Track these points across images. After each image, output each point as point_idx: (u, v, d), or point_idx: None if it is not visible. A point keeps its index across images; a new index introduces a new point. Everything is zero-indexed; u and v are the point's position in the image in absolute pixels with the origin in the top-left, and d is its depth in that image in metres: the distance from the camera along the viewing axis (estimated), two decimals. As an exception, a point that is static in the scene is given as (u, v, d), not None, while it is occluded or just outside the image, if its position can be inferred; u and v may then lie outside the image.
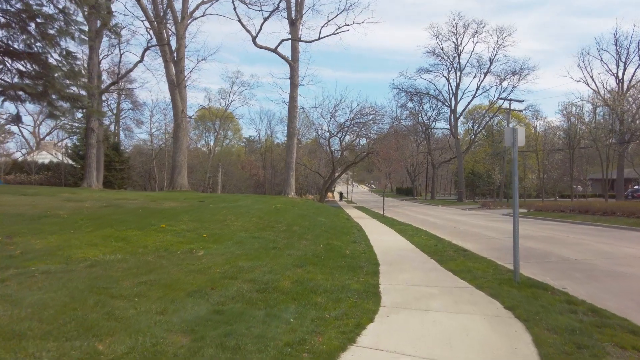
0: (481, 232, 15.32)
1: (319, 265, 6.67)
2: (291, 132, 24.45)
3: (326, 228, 12.21)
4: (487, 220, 21.19)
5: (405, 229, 15.56)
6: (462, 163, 44.34)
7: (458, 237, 13.72)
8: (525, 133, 35.65)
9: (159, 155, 45.14)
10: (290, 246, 8.31)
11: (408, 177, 76.66)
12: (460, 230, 16.24)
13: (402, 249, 10.15)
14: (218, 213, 11.49)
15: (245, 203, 16.13)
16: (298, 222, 11.92)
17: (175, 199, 15.99)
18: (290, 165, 24.34)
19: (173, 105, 28.79)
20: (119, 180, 41.32)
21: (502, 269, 7.55)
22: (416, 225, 17.57)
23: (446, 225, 18.69)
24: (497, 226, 17.70)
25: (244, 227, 9.95)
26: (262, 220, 11.26)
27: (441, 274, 6.96)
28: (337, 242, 9.83)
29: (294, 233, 10.06)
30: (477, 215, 25.94)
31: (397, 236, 13.12)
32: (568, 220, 19.72)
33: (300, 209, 16.49)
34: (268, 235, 9.33)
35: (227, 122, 60.87)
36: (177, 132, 28.51)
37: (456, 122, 45.64)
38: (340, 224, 14.38)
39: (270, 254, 7.23)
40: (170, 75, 27.81)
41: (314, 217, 14.49)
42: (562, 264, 8.43)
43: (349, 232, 12.68)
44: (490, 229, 16.29)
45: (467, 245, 11.50)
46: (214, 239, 8.27)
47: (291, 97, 24.73)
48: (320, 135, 38.95)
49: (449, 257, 8.84)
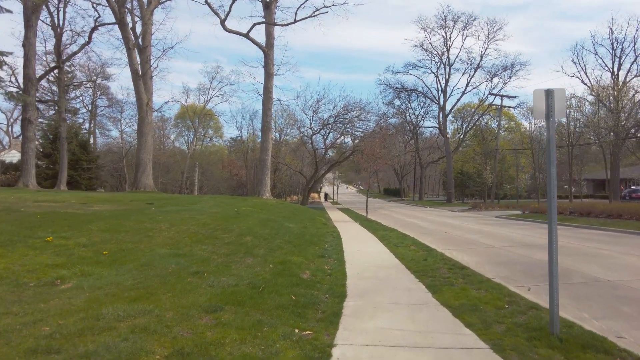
0: (477, 238, 13.17)
1: (248, 305, 4.31)
2: (265, 126, 22.03)
3: (291, 237, 9.85)
4: (480, 224, 19.14)
5: (390, 235, 13.31)
6: (451, 163, 42.51)
7: (451, 245, 11.53)
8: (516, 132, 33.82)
9: (130, 154, 42.23)
10: (224, 269, 5.92)
11: (396, 178, 74.84)
12: (453, 236, 14.07)
13: (383, 265, 7.86)
14: (152, 219, 9.03)
15: (203, 206, 13.68)
16: (255, 231, 9.53)
17: (118, 200, 13.44)
18: (264, 164, 21.92)
19: (137, 97, 26.04)
20: (86, 181, 38.24)
21: (521, 301, 5.30)
22: (402, 230, 15.36)
23: (436, 230, 16.54)
24: (493, 231, 15.60)
25: (174, 239, 7.52)
26: (206, 228, 8.84)
27: (435, 314, 4.67)
28: (298, 257, 7.48)
29: (241, 246, 7.68)
30: (468, 217, 23.92)
31: (378, 246, 10.85)
32: (570, 224, 17.77)
33: (268, 213, 14.11)
34: (201, 250, 6.92)
35: (207, 119, 58.00)
36: (141, 127, 25.79)
37: (445, 119, 43.78)
38: (312, 231, 12.04)
39: (179, 285, 4.83)
40: (134, 64, 25.08)
41: (280, 222, 12.12)
42: (596, 289, 6.24)
43: (319, 241, 10.34)
44: (487, 235, 14.16)
45: (463, 257, 9.28)
46: (115, 258, 5.84)
47: (265, 87, 22.31)
48: (302, 133, 36.65)
49: (443, 278, 6.58)
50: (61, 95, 31.08)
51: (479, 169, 44.46)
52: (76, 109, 50.83)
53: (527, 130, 36.46)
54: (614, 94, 28.17)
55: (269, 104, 22.17)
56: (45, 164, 38.36)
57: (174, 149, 58.41)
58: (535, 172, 30.37)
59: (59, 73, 30.76)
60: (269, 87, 22.14)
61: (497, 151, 32.99)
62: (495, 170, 33.05)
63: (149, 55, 26.52)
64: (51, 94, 38.87)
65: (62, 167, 29.39)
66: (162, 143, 60.06)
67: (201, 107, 53.39)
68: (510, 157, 45.46)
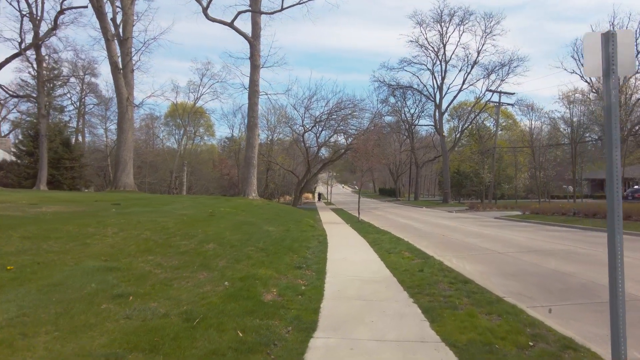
0: (477, 243, 11.92)
1: (165, 351, 2.98)
2: (251, 121, 20.67)
3: (266, 244, 8.52)
4: (479, 226, 17.93)
5: (382, 239, 12.02)
6: (447, 162, 41.35)
7: (449, 251, 10.27)
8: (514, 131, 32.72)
9: (114, 152, 40.67)
10: (161, 289, 4.60)
11: (391, 178, 73.64)
12: (451, 240, 12.82)
13: (371, 279, 6.56)
14: (101, 223, 7.67)
15: (176, 207, 12.33)
16: (223, 236, 8.19)
17: (80, 201, 12.04)
18: (250, 161, 20.55)
19: (116, 91, 24.59)
20: (68, 180, 36.58)
21: (548, 334, 3.99)
22: (396, 232, 14.09)
23: (433, 232, 15.28)
24: (494, 234, 14.37)
25: (116, 247, 6.18)
26: (162, 234, 7.49)
27: (435, 358, 3.36)
28: (267, 270, 6.16)
29: (198, 257, 6.35)
30: (465, 219, 22.72)
31: (368, 252, 9.55)
32: (576, 226, 16.59)
33: (247, 215, 12.78)
34: (144, 263, 5.59)
35: (198, 117, 56.44)
36: (121, 124, 24.32)
37: (441, 117, 42.61)
38: (294, 235, 10.72)
39: (81, 317, 3.49)
40: (113, 56, 23.62)
41: (259, 226, 10.79)
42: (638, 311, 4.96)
43: (300, 248, 9.03)
44: (488, 239, 12.91)
45: (465, 266, 8.02)
46: (20, 275, 4.50)
47: (251, 80, 20.95)
48: (294, 130, 35.32)
49: (444, 297, 5.30)
50: (40, 91, 29.49)
51: (475, 169, 43.40)
52: (62, 107, 49.20)
53: (527, 127, 35.10)
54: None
55: (255, 98, 20.81)
56: (26, 162, 36.77)
57: (163, 147, 56.87)
58: (536, 171, 29.21)
59: (38, 67, 29.26)
60: (255, 80, 20.78)
61: (495, 149, 31.81)
62: (493, 169, 31.87)
63: (130, 47, 25.07)
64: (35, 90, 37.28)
65: (42, 165, 27.89)
66: (152, 142, 58.52)
67: (191, 105, 51.90)
68: (508, 156, 44.43)
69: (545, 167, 30.32)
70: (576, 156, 27.51)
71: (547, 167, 30.89)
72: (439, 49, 40.48)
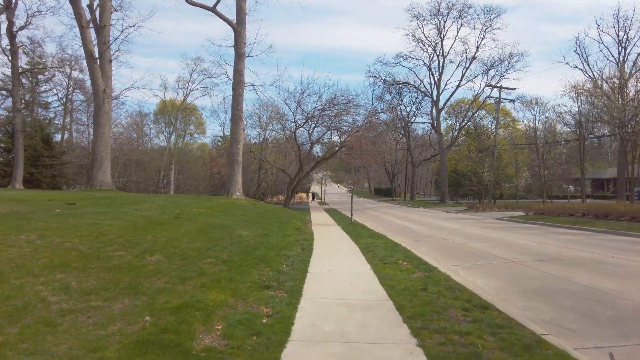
0: (485, 248, 10.43)
1: None
2: (236, 114, 19.02)
3: (232, 253, 6.95)
4: (482, 228, 16.47)
5: (377, 244, 10.49)
6: (444, 160, 39.94)
7: (455, 259, 8.76)
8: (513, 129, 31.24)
9: (91, 148, 38.95)
10: (40, 331, 3.04)
11: (386, 177, 72.18)
12: (454, 245, 11.31)
13: (360, 304, 5.01)
14: (19, 228, 6.07)
15: (140, 207, 10.73)
16: (176, 245, 6.61)
17: (28, 200, 10.40)
18: (234, 157, 18.89)
19: (92, 82, 22.83)
20: (48, 179, 34.69)
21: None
22: (392, 236, 12.58)
23: (433, 236, 13.76)
24: (501, 238, 12.87)
25: (17, 261, 4.60)
26: (95, 242, 5.90)
27: None
28: (221, 294, 4.59)
29: (130, 273, 4.77)
30: (466, 220, 21.26)
31: (359, 262, 8.01)
32: (588, 228, 15.16)
33: (222, 217, 11.19)
34: (44, 284, 4.02)
35: (188, 115, 54.57)
36: (97, 117, 22.57)
37: (438, 114, 41.13)
38: (273, 242, 9.14)
39: None
40: (88, 44, 21.87)
41: (231, 230, 9.20)
42: None
43: (276, 258, 7.47)
44: (495, 243, 11.41)
45: (476, 281, 6.51)
46: None
47: (236, 70, 19.31)
48: (285, 127, 33.71)
49: (459, 335, 3.78)
50: (15, 84, 27.67)
51: (473, 167, 42.04)
52: (47, 103, 47.26)
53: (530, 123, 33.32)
54: (621, 84, 25.84)
55: (240, 89, 19.18)
56: (3, 160, 34.89)
57: (152, 146, 55.10)
58: (540, 170, 27.79)
59: (13, 59, 27.46)
60: (240, 70, 19.14)
61: (496, 147, 30.42)
62: (493, 168, 30.46)
63: (108, 36, 23.30)
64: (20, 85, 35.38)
65: (17, 163, 26.16)
66: (141, 140, 56.67)
67: (180, 102, 50.05)
68: (507, 155, 43.12)
69: (550, 165, 28.89)
70: (584, 153, 26.09)
71: (552, 165, 29.46)
72: (436, 44, 39.09)
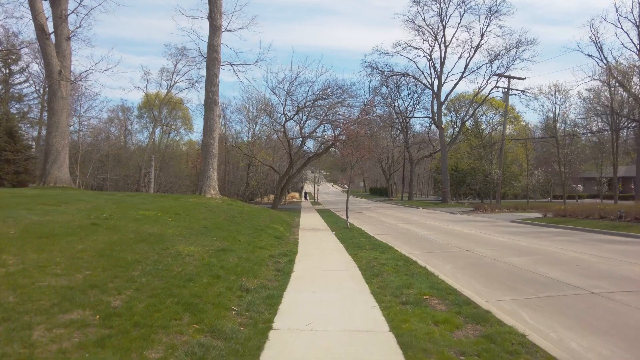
0: (531, 266, 7.48)
1: None
2: (210, 98, 15.93)
3: (137, 294, 3.95)
4: (503, 234, 13.63)
5: (382, 261, 7.56)
6: (446, 157, 37.12)
7: (505, 289, 5.70)
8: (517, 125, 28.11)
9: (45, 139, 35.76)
10: None
11: (382, 176, 69.33)
12: (487, 261, 8.32)
13: None
14: None
15: (64, 209, 7.69)
16: (33, 279, 3.57)
17: None
18: (208, 149, 15.83)
19: (45, 62, 19.58)
20: (11, 175, 31.19)
21: None
22: (399, 245, 9.66)
23: (449, 245, 10.82)
24: (535, 248, 9.95)
25: None
26: None
27: None
28: None
29: None
30: (477, 223, 18.41)
31: (362, 302, 5.05)
32: (634, 234, 12.34)
33: (170, 224, 8.16)
34: None
35: (173, 108, 51.18)
36: (52, 103, 19.36)
37: (440, 108, 38.24)
38: (228, 263, 6.12)
39: None
40: (38, 16, 18.66)
41: (170, 244, 6.17)
42: None
43: (223, 296, 4.48)
44: (537, 257, 8.45)
45: (571, 344, 3.55)
46: None
47: (210, 46, 16.26)
48: (274, 119, 30.66)
49: None
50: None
51: (476, 165, 39.38)
52: (20, 95, 43.83)
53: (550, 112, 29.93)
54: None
55: (215, 68, 16.13)
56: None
57: (136, 142, 51.79)
58: (560, 165, 25.00)
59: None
60: (215, 45, 16.09)
61: (504, 142, 27.63)
62: (501, 165, 27.66)
63: (65, 10, 20.11)
64: None
65: (-30, 157, 22.83)
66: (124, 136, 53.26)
67: (163, 95, 46.68)
68: (510, 153, 40.53)
69: (571, 160, 26.09)
70: (617, 146, 23.36)
71: (574, 161, 26.67)
72: (437, 32, 36.26)
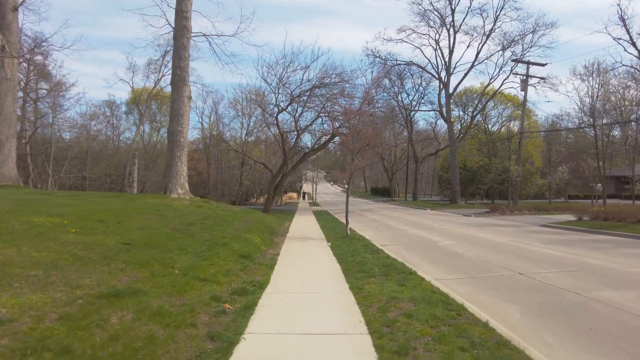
0: (618, 304, 4.41)
1: None
2: (178, 75, 12.80)
3: None
4: (545, 243, 10.54)
5: (405, 306, 4.49)
6: (455, 154, 33.99)
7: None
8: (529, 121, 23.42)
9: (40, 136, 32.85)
10: None
11: (384, 176, 66.21)
12: (572, 300, 5.15)
13: None
14: None
15: None
16: None
17: None
18: (175, 138, 12.74)
19: (-14, 37, 16.56)
20: (-23, 174, 28.30)
21: None
22: (417, 262, 6.56)
23: (488, 263, 7.66)
24: (614, 268, 6.85)
25: None
26: None
27: None
28: None
29: None
30: (500, 227, 15.31)
31: None
32: None
33: (60, 240, 5.04)
34: None
35: (162, 103, 48.12)
36: (-4, 86, 16.36)
37: (448, 100, 35.06)
38: (98, 340, 3.03)
39: None
40: (-22, -18, 15.63)
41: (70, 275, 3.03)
42: None
43: None
44: (629, 291, 5.38)
45: None
46: None
47: (178, 11, 13.16)
48: (265, 111, 27.56)
49: None
50: None
51: (487, 163, 36.36)
52: (0, 91, 40.57)
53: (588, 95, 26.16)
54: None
55: (184, 38, 13.02)
56: None
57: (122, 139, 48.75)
58: (598, 160, 21.87)
59: None
60: (184, 10, 12.99)
61: (522, 135, 24.53)
62: (519, 160, 24.56)
63: (15, -24, 17.06)
64: None
65: None
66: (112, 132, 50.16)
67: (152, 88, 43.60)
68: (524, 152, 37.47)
69: (612, 153, 22.93)
70: None
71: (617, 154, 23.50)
72: (445, 17, 33.14)
